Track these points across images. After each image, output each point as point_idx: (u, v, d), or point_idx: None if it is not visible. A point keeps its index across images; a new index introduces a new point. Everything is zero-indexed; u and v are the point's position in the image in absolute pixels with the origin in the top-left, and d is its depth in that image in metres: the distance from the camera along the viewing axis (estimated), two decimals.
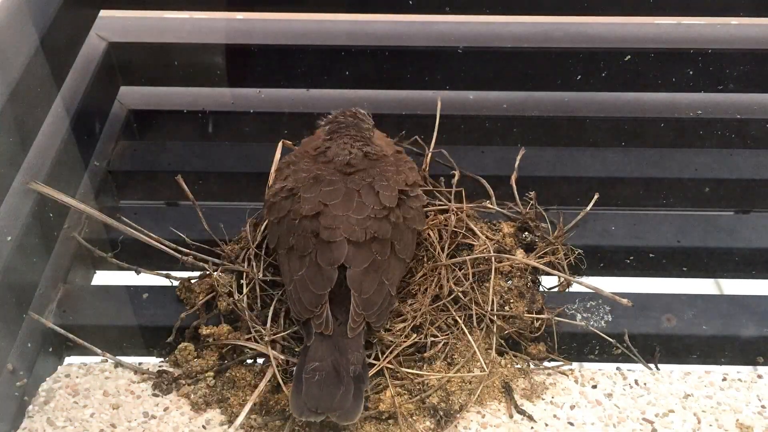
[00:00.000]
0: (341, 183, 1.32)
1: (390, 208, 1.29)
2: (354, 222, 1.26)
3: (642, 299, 1.41)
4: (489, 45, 1.76)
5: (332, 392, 1.16)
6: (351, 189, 1.30)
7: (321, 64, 1.76)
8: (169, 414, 1.27)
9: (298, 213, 1.29)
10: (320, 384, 1.17)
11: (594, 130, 1.77)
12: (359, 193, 1.30)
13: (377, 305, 1.24)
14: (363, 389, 1.19)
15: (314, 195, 1.30)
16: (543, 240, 1.48)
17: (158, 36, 1.78)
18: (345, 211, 1.27)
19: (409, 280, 1.39)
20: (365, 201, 1.29)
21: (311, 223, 1.28)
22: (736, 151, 1.71)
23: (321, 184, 1.31)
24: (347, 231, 1.26)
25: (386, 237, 1.28)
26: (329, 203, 1.28)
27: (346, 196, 1.30)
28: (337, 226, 1.26)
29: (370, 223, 1.27)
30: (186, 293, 1.40)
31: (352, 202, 1.29)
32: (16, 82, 1.33)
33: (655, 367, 1.36)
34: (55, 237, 1.44)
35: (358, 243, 1.25)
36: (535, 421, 1.26)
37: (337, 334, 1.22)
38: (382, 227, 1.28)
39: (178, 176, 1.49)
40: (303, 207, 1.29)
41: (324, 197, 1.29)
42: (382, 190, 1.31)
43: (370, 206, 1.28)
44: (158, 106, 1.81)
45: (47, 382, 1.32)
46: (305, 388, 1.17)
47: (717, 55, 1.74)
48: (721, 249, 1.54)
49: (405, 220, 1.31)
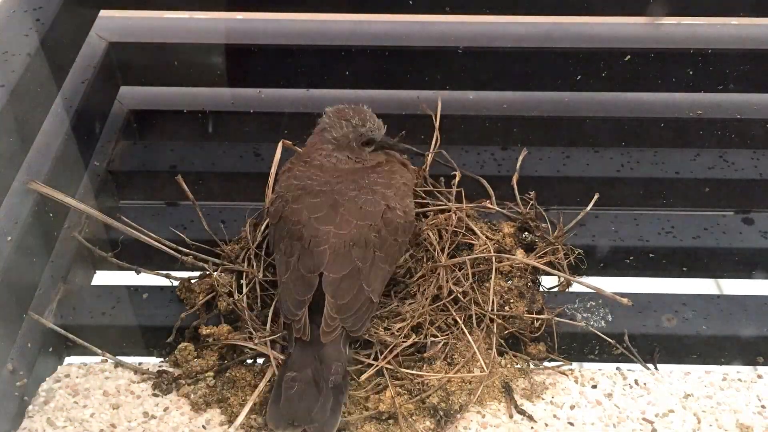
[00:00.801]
0: (328, 194, 1.32)
1: (373, 223, 1.30)
2: (336, 236, 1.27)
3: (642, 299, 1.41)
4: (489, 45, 1.76)
5: (310, 404, 1.16)
6: (337, 201, 1.31)
7: (321, 64, 1.76)
8: (169, 414, 1.27)
9: (287, 220, 1.31)
10: (298, 395, 1.16)
11: (594, 130, 1.77)
12: (344, 207, 1.30)
13: (353, 310, 1.24)
14: (341, 401, 1.18)
15: (300, 206, 1.31)
16: (543, 240, 1.48)
17: (158, 36, 1.78)
18: (328, 225, 1.28)
19: (408, 281, 1.39)
20: (349, 216, 1.29)
21: (297, 232, 1.29)
22: (736, 151, 1.71)
23: (308, 195, 1.32)
24: (329, 242, 1.26)
25: (368, 245, 1.28)
26: (313, 216, 1.29)
27: (330, 208, 1.30)
28: (320, 237, 1.27)
29: (353, 233, 1.28)
30: (186, 293, 1.40)
31: (336, 217, 1.29)
32: (16, 82, 1.33)
33: (654, 367, 1.36)
34: (55, 237, 1.44)
35: (339, 251, 1.26)
36: (535, 421, 1.26)
37: (317, 342, 1.22)
38: (363, 237, 1.28)
39: (178, 176, 1.49)
40: (289, 217, 1.30)
41: (309, 209, 1.30)
42: (366, 205, 1.31)
43: (353, 222, 1.29)
44: (158, 106, 1.81)
45: (47, 382, 1.31)
46: (283, 399, 1.17)
47: (717, 55, 1.74)
48: (721, 249, 1.54)
49: (389, 232, 1.31)
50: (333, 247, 1.26)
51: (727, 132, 1.77)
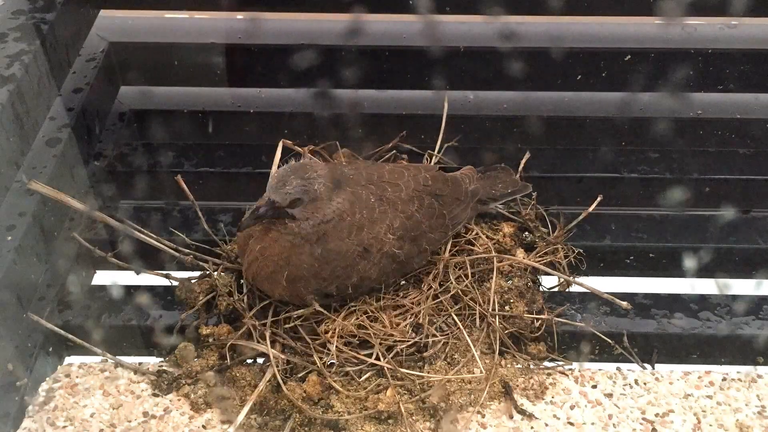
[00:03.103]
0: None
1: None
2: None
3: (642, 299, 1.41)
4: (489, 45, 1.75)
5: None
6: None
7: (321, 64, 1.76)
8: (169, 414, 1.27)
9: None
10: None
11: (594, 130, 1.77)
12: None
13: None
14: None
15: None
16: (543, 240, 1.48)
17: (158, 36, 1.78)
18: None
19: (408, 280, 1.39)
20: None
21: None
22: (736, 151, 1.71)
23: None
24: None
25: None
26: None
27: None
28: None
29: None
30: (186, 293, 1.40)
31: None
32: (17, 82, 1.33)
33: (651, 367, 1.36)
34: (55, 237, 1.44)
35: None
36: (535, 420, 1.26)
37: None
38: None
39: (178, 176, 1.49)
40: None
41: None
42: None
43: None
44: (158, 106, 1.81)
45: (47, 382, 1.32)
46: None
47: (717, 55, 1.74)
48: (721, 249, 1.54)
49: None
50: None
51: (727, 132, 1.77)
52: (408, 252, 1.33)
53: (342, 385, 1.26)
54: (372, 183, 1.34)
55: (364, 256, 1.29)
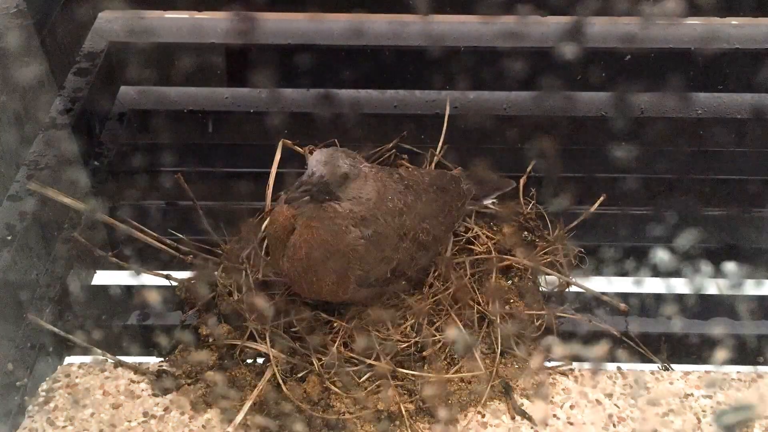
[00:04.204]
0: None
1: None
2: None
3: (642, 299, 1.41)
4: (489, 45, 1.75)
5: None
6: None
7: (321, 64, 1.76)
8: (169, 414, 1.27)
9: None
10: None
11: (594, 130, 1.77)
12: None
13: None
14: None
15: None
16: (543, 240, 1.48)
17: (158, 36, 1.78)
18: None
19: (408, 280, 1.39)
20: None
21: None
22: (736, 151, 1.71)
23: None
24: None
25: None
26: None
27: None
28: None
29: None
30: (186, 293, 1.39)
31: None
32: (17, 82, 1.33)
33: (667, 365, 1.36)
34: (55, 237, 1.44)
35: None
36: (535, 421, 1.26)
37: None
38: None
39: (179, 175, 1.49)
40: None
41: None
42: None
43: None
44: (158, 106, 1.81)
45: (47, 382, 1.31)
46: None
47: (717, 55, 1.74)
48: (722, 249, 1.54)
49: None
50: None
51: (727, 132, 1.77)
52: (431, 242, 1.33)
53: (342, 386, 1.26)
54: (391, 175, 1.34)
55: (403, 240, 1.28)
